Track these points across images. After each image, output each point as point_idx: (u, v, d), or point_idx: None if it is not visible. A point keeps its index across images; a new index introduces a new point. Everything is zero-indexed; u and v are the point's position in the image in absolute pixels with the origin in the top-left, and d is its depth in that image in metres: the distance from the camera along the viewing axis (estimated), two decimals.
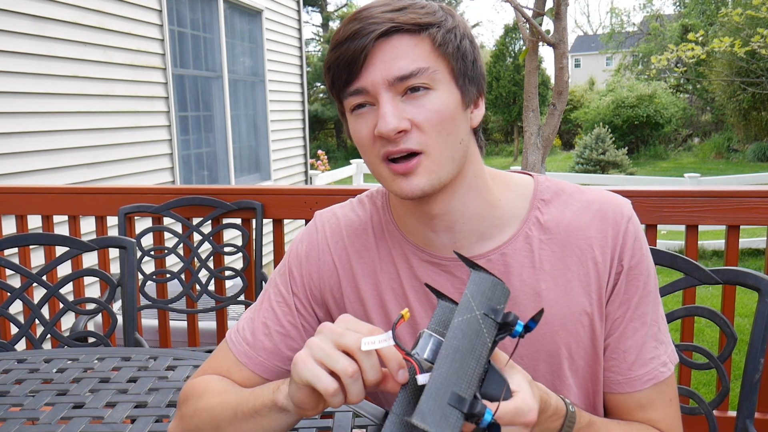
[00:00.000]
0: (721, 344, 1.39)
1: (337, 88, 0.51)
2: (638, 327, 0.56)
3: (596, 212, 0.55)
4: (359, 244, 0.59)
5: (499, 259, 0.55)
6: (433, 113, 0.49)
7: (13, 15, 2.31)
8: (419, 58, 0.49)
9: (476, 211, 0.55)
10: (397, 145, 0.49)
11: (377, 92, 0.49)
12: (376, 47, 0.49)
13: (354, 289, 0.59)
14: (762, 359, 0.68)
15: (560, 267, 0.55)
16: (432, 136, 0.50)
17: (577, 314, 0.55)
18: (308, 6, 17.79)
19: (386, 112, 0.49)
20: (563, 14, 3.33)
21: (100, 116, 2.81)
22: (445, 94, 0.50)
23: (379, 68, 0.49)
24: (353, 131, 0.52)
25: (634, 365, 0.55)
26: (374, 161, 0.52)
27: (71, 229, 1.64)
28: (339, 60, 0.49)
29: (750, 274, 0.71)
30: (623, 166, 9.44)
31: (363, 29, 0.49)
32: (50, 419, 0.66)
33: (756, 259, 4.31)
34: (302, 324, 0.60)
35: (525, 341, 0.55)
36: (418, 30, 0.49)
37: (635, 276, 0.55)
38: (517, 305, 0.55)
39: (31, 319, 1.04)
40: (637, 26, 18.57)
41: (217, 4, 3.94)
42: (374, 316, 0.59)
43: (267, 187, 1.60)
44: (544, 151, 3.62)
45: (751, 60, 8.93)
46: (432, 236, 0.56)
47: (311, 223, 0.63)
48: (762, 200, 1.22)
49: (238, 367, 0.59)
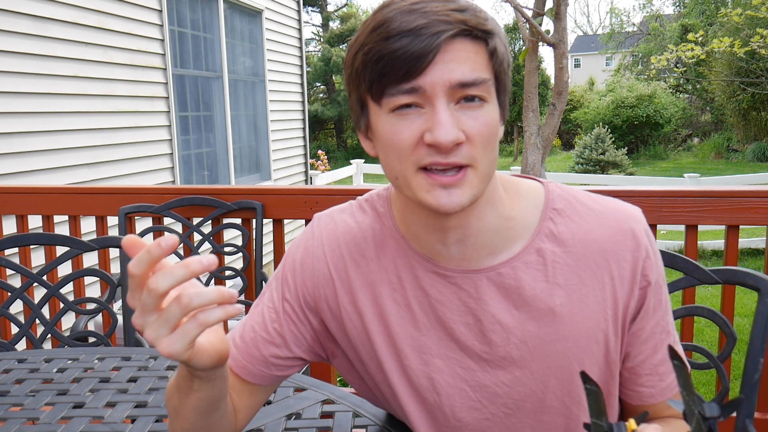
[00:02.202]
0: (721, 344, 1.38)
1: (385, 83, 0.46)
2: (665, 338, 0.56)
3: (612, 224, 0.53)
4: (357, 253, 0.56)
5: (510, 273, 0.52)
6: (486, 127, 0.47)
7: (13, 15, 2.31)
8: (480, 66, 0.46)
9: (491, 226, 0.52)
10: (447, 157, 0.46)
11: (434, 95, 0.45)
12: (444, 47, 0.44)
13: (351, 299, 0.57)
14: (761, 359, 0.68)
15: (575, 281, 0.52)
16: (480, 151, 0.47)
17: (591, 331, 0.53)
18: (308, 6, 17.77)
19: (445, 120, 0.45)
20: (563, 14, 3.34)
21: (101, 116, 2.81)
22: (494, 108, 0.48)
23: (441, 70, 0.45)
24: (388, 131, 0.47)
25: (665, 375, 0.55)
26: (407, 168, 0.47)
27: (72, 229, 1.64)
28: (397, 54, 0.44)
29: (749, 274, 0.71)
30: (623, 166, 9.43)
31: (430, 25, 0.44)
32: (50, 419, 0.66)
33: (755, 259, 4.31)
34: (291, 330, 0.57)
35: (536, 356, 0.54)
36: (483, 37, 0.46)
37: (658, 291, 0.54)
38: (531, 320, 0.53)
39: (31, 318, 1.05)
40: (636, 26, 18.59)
41: (218, 4, 3.94)
42: (373, 327, 0.56)
43: (267, 187, 1.60)
44: (543, 151, 3.62)
45: (751, 60, 8.93)
46: (440, 248, 0.53)
47: (309, 227, 0.60)
48: (761, 200, 1.22)
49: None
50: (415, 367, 0.56)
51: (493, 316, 0.54)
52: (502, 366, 0.54)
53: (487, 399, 0.56)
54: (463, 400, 0.56)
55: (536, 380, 0.54)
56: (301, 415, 0.66)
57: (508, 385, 0.55)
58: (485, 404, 0.56)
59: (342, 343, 0.59)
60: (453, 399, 0.56)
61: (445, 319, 0.54)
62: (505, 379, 0.55)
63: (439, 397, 0.56)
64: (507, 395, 0.55)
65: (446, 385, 0.55)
